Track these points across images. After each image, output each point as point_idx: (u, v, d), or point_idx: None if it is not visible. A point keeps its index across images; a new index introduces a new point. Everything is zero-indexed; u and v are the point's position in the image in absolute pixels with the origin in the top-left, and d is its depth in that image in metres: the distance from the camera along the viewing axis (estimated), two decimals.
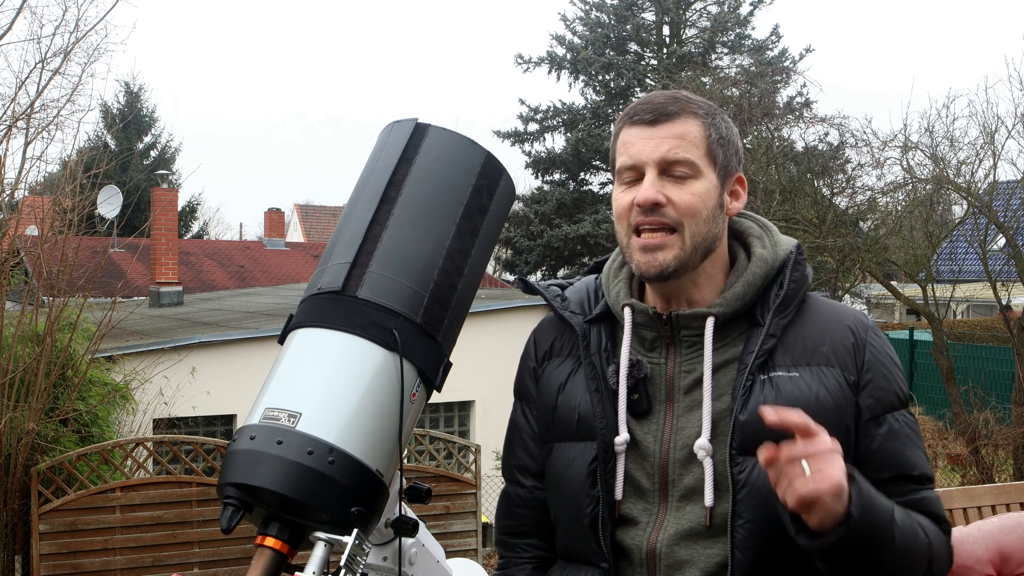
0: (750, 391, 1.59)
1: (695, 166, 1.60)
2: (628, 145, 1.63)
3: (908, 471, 1.62)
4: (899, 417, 1.63)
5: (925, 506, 1.62)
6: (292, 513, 1.52)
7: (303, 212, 47.00)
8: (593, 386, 1.68)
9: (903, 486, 1.61)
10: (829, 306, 1.71)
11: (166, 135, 31.88)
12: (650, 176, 1.60)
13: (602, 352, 1.70)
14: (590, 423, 1.66)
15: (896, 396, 1.64)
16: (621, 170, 1.64)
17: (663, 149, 1.60)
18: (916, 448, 1.64)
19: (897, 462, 1.61)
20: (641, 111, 1.63)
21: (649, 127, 1.61)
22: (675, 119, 1.61)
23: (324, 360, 1.61)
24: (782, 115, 12.24)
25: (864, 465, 1.59)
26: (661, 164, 1.60)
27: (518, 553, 1.80)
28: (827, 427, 1.54)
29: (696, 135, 1.61)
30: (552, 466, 1.72)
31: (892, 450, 1.61)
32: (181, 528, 6.26)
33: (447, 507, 6.80)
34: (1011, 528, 3.83)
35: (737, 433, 1.58)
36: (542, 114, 24.71)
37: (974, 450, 8.57)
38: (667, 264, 1.60)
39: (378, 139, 1.84)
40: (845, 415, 1.60)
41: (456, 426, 12.05)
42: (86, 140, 23.85)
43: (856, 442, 1.60)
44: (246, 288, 23.24)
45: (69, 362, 6.74)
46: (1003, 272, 9.99)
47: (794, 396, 1.58)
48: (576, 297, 1.79)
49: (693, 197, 1.60)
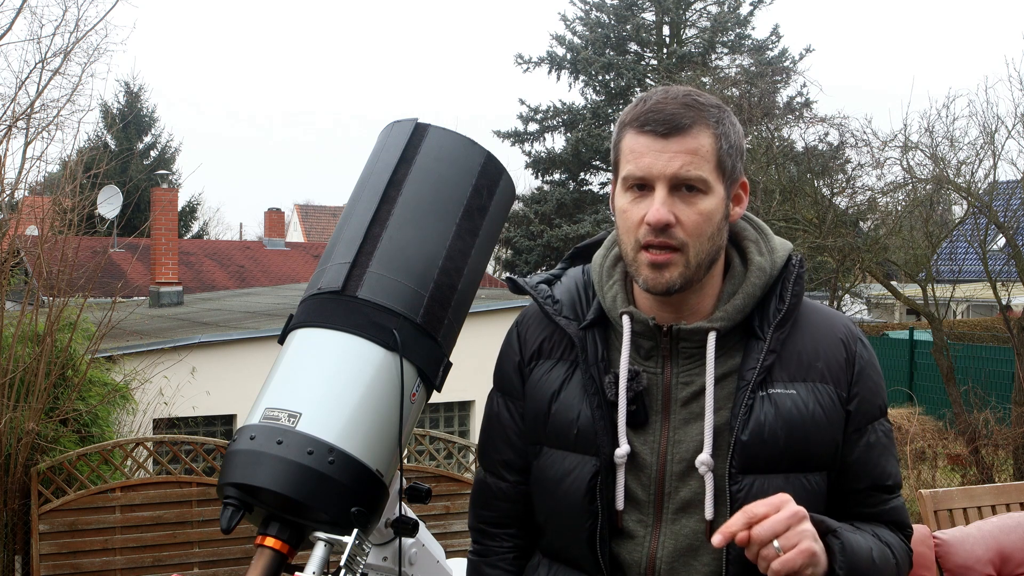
0: (751, 409, 1.58)
1: (706, 182, 1.56)
2: (638, 155, 1.57)
3: (883, 481, 1.67)
4: (878, 428, 1.67)
5: (893, 515, 1.69)
6: (292, 513, 1.52)
7: (303, 212, 47.00)
8: (595, 402, 1.64)
9: (876, 496, 1.67)
10: (821, 315, 1.70)
11: (166, 135, 31.94)
12: (660, 194, 1.55)
13: (599, 362, 1.66)
14: (590, 438, 1.63)
15: (878, 407, 1.68)
16: (629, 179, 1.59)
17: (675, 165, 1.54)
18: (891, 457, 1.69)
19: (874, 473, 1.66)
20: (653, 121, 1.56)
21: (661, 139, 1.55)
22: (688, 132, 1.55)
23: (324, 360, 1.61)
24: (782, 115, 12.23)
25: (843, 475, 1.65)
26: (672, 180, 1.55)
27: (499, 542, 1.80)
28: (819, 443, 1.61)
29: (708, 149, 1.56)
30: (544, 471, 1.69)
31: (870, 461, 1.66)
32: (181, 528, 6.25)
33: (447, 507, 6.80)
34: (1011, 528, 3.84)
35: (738, 452, 1.57)
36: (542, 114, 24.72)
37: (974, 450, 8.57)
38: (673, 282, 1.57)
39: (378, 139, 1.84)
40: (836, 431, 1.62)
41: (456, 426, 12.05)
42: (86, 140, 23.87)
43: (841, 452, 1.64)
44: (246, 288, 23.24)
45: (69, 362, 6.73)
46: (1003, 272, 9.99)
47: (791, 413, 1.59)
48: (568, 298, 1.74)
49: (700, 216, 1.56)
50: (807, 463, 1.60)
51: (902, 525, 1.70)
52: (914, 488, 7.21)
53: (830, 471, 1.64)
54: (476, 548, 1.84)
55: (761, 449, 1.57)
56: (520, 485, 1.76)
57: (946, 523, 4.23)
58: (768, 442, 1.57)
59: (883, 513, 1.68)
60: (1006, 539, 3.80)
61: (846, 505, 1.66)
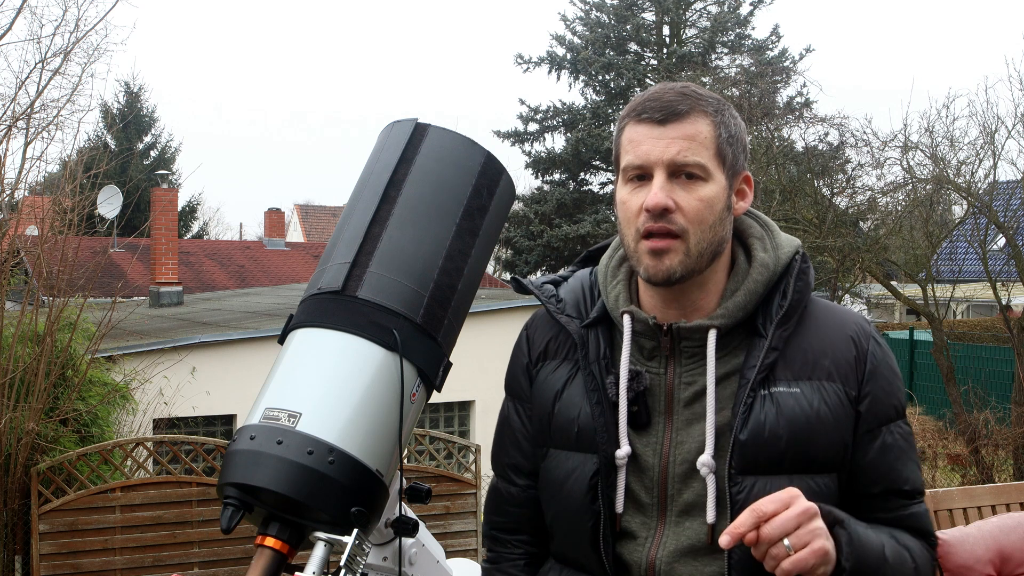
0: (751, 408, 1.55)
1: (705, 168, 1.55)
2: (636, 143, 1.57)
3: (899, 486, 1.60)
4: (895, 430, 1.61)
5: (913, 521, 1.61)
6: (292, 513, 1.52)
7: (303, 212, 47.00)
8: (594, 398, 1.63)
9: (893, 501, 1.60)
10: (831, 312, 1.66)
11: (166, 135, 31.92)
12: (659, 179, 1.54)
13: (601, 360, 1.65)
14: (590, 436, 1.62)
15: (894, 408, 1.62)
16: (627, 169, 1.58)
17: (672, 151, 1.53)
18: (909, 461, 1.62)
19: (888, 477, 1.59)
20: (650, 108, 1.56)
21: (658, 126, 1.55)
22: (685, 118, 1.55)
23: (324, 360, 1.61)
24: (782, 115, 12.23)
25: (856, 478, 1.59)
26: (671, 167, 1.54)
27: (510, 549, 1.79)
28: (825, 443, 1.56)
29: (706, 135, 1.55)
30: (549, 473, 1.68)
31: (884, 465, 1.59)
32: (181, 528, 6.25)
33: (447, 507, 6.80)
34: (1011, 528, 3.83)
35: (736, 452, 1.54)
36: (542, 114, 24.72)
37: (974, 450, 8.57)
38: (673, 269, 1.55)
39: (378, 139, 1.84)
40: (844, 431, 1.57)
41: (456, 426, 12.04)
42: (86, 140, 23.86)
43: (852, 454, 1.59)
44: (246, 288, 23.24)
45: (69, 362, 6.73)
46: (1003, 272, 9.99)
47: (794, 413, 1.55)
48: (572, 298, 1.73)
49: (701, 203, 1.55)
50: (812, 464, 1.55)
51: (924, 533, 1.62)
52: None
53: (840, 473, 1.58)
54: (489, 556, 1.83)
55: (761, 449, 1.53)
56: (530, 489, 1.74)
57: (946, 523, 4.23)
58: (768, 442, 1.53)
59: (902, 519, 1.60)
60: (1006, 539, 3.79)
61: (861, 510, 1.58)
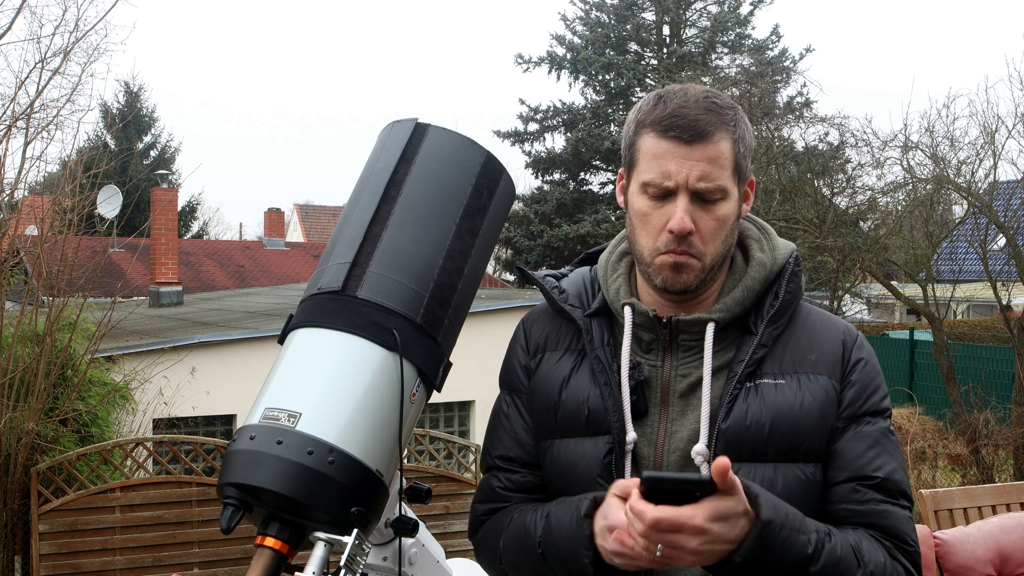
0: (735, 399, 1.59)
1: (725, 190, 1.59)
2: (659, 160, 1.58)
3: (867, 472, 1.57)
4: (872, 423, 1.61)
5: (884, 519, 1.56)
6: (292, 513, 1.52)
7: (303, 212, 47.01)
8: (602, 380, 1.66)
9: (861, 492, 1.57)
10: (821, 317, 1.71)
11: (166, 135, 31.95)
12: (683, 203, 1.57)
13: (606, 346, 1.69)
14: (602, 417, 1.65)
15: (875, 404, 1.63)
16: (651, 186, 1.60)
17: (697, 174, 1.56)
18: (885, 455, 1.60)
19: (856, 463, 1.58)
20: (676, 126, 1.57)
21: (685, 146, 1.57)
22: (710, 139, 1.57)
23: (324, 360, 1.61)
24: (782, 115, 12.23)
25: (827, 465, 1.60)
26: (694, 189, 1.57)
27: None
28: (810, 432, 1.58)
29: (727, 155, 1.59)
30: (557, 462, 1.70)
31: (853, 451, 1.59)
32: (181, 528, 6.25)
33: (447, 507, 6.80)
34: (1011, 528, 3.83)
35: (720, 441, 1.58)
36: (542, 114, 24.73)
37: (974, 450, 8.58)
38: (690, 284, 1.61)
39: (378, 139, 1.84)
40: (830, 420, 1.60)
41: (456, 426, 12.05)
42: (86, 140, 23.89)
43: (827, 443, 1.61)
44: (246, 288, 23.25)
45: (69, 362, 6.74)
46: (1003, 272, 9.99)
47: (778, 403, 1.58)
48: (574, 290, 1.77)
49: (717, 222, 1.59)
50: (797, 453, 1.58)
51: (898, 535, 1.56)
52: (914, 488, 7.21)
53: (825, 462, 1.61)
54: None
55: (743, 437, 1.57)
56: (528, 475, 1.74)
57: (946, 523, 4.24)
58: (751, 429, 1.57)
59: (875, 516, 1.56)
60: (1006, 539, 3.80)
61: (832, 503, 1.58)
